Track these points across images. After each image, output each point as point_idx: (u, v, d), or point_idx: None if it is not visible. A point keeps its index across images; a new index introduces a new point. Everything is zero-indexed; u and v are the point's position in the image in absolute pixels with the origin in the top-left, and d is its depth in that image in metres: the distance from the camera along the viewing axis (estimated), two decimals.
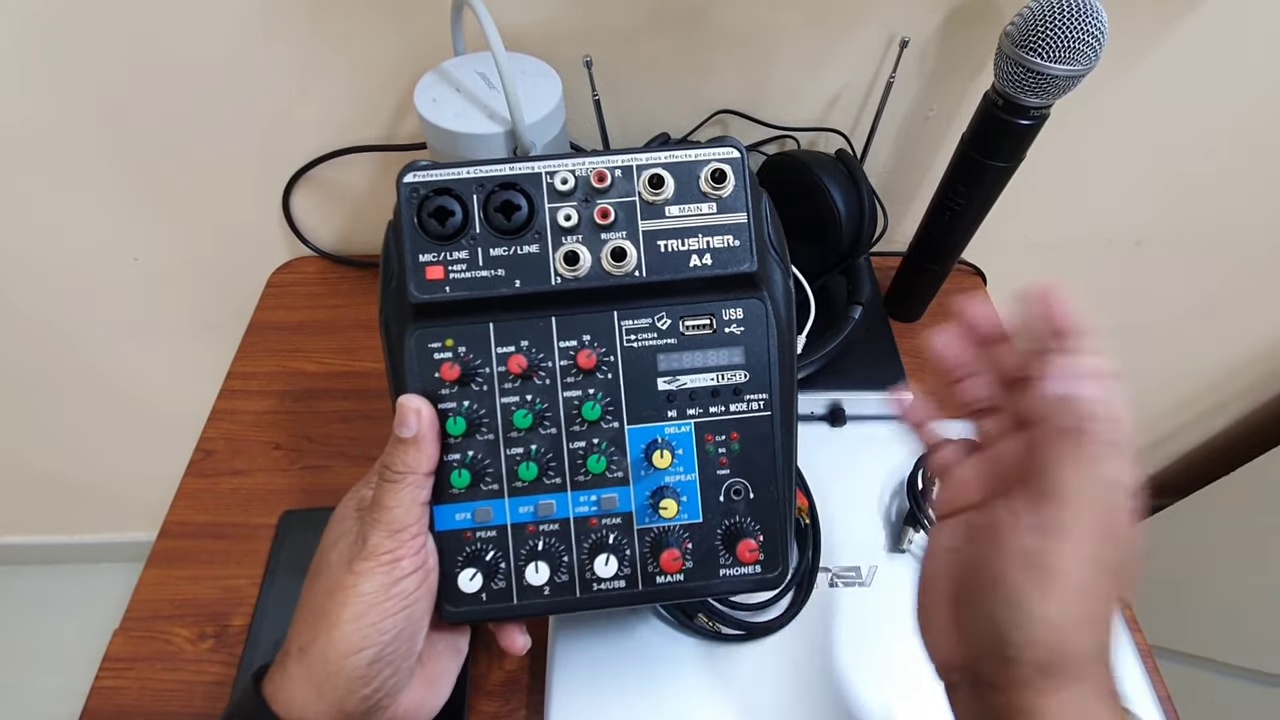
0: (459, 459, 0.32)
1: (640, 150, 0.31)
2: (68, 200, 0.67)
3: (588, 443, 0.32)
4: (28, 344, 0.82)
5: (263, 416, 0.60)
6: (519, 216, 0.30)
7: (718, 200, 0.31)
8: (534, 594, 0.32)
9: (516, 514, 0.32)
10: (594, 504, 0.32)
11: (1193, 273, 0.79)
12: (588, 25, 0.55)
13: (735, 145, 0.32)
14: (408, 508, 0.29)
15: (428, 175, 0.30)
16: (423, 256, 0.30)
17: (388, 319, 0.32)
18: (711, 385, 0.32)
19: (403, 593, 0.29)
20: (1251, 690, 0.85)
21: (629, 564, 0.33)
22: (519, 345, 0.32)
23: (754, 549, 0.32)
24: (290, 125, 0.62)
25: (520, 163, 0.31)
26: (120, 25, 0.54)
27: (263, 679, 0.30)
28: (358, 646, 0.28)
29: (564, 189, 0.31)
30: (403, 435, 0.30)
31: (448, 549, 0.32)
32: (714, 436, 0.33)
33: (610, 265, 0.31)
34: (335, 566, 0.29)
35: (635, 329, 0.32)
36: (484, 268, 0.30)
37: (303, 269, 0.71)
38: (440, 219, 0.30)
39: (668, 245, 0.31)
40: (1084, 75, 0.43)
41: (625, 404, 0.32)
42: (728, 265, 0.31)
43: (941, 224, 0.56)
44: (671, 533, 0.33)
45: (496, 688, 0.45)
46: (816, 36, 0.57)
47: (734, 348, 0.32)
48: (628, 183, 0.31)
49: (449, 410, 0.31)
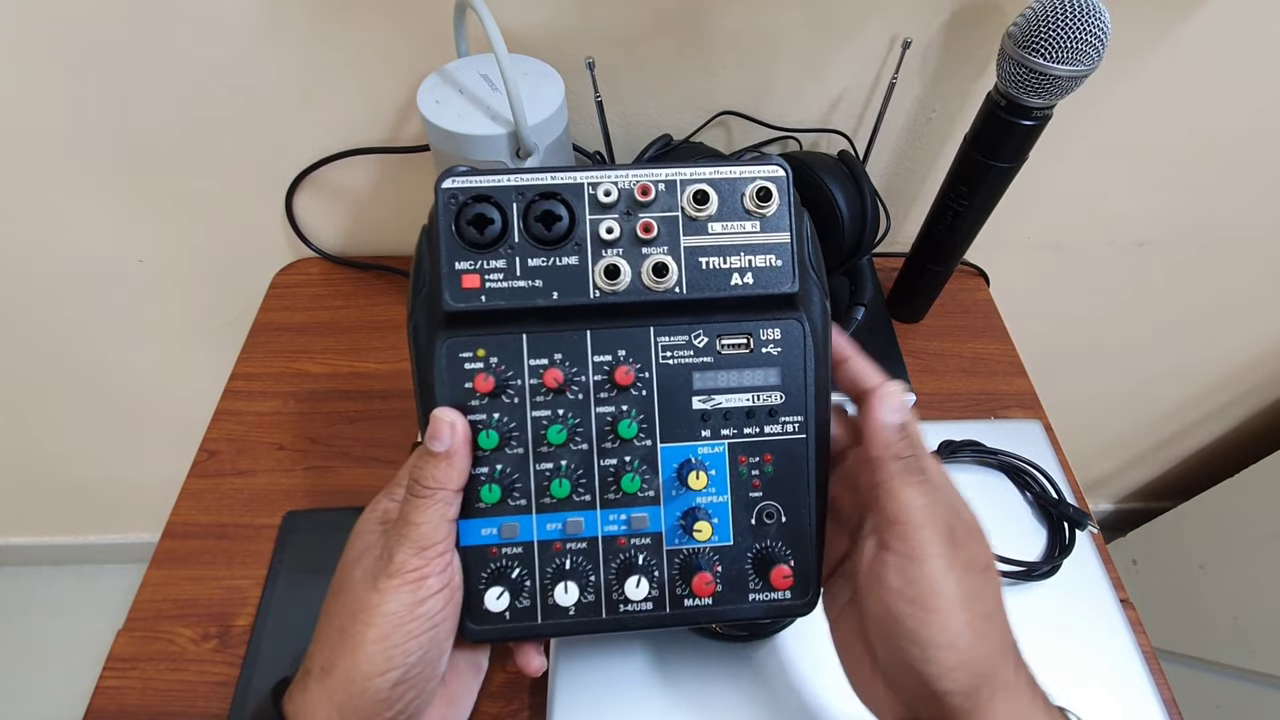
0: (488, 473, 0.31)
1: (685, 165, 0.31)
2: (71, 202, 0.67)
3: (620, 460, 0.31)
4: (32, 346, 0.83)
5: (266, 417, 0.60)
6: (559, 227, 0.30)
7: (761, 219, 0.31)
8: (560, 614, 0.31)
9: (544, 531, 0.31)
10: (624, 523, 0.32)
11: (1196, 274, 0.79)
12: (590, 26, 0.55)
13: (780, 164, 0.31)
14: (436, 524, 0.28)
15: (467, 181, 0.30)
16: (459, 264, 0.30)
17: (417, 326, 0.31)
18: (746, 406, 0.32)
19: (428, 613, 0.28)
20: (1256, 693, 0.84)
21: (658, 586, 0.32)
22: (553, 358, 0.31)
23: (787, 575, 0.31)
24: (293, 127, 0.62)
25: (562, 172, 0.30)
26: (123, 27, 0.54)
27: (282, 695, 0.29)
28: (382, 668, 0.27)
29: (606, 201, 0.30)
30: (435, 449, 0.29)
31: (472, 565, 0.31)
32: (748, 458, 0.32)
33: (651, 280, 0.30)
34: (359, 584, 0.28)
35: (671, 346, 0.31)
36: (521, 278, 0.30)
37: (306, 270, 0.71)
38: (479, 227, 0.30)
39: (709, 262, 0.30)
40: (1086, 76, 0.43)
41: (659, 422, 0.32)
42: (769, 285, 0.31)
43: (944, 225, 0.56)
44: (702, 555, 0.32)
45: (499, 688, 0.45)
46: (818, 38, 0.57)
47: (770, 368, 0.32)
48: (671, 197, 0.30)
49: (480, 423, 0.30)
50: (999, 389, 0.63)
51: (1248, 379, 0.96)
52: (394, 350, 0.64)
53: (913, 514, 0.27)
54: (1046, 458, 0.54)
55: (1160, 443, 1.10)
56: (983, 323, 0.68)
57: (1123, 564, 1.12)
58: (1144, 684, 0.44)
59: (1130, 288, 0.81)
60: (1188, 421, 1.05)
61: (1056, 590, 0.48)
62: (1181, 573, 1.01)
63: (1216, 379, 0.96)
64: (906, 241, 0.63)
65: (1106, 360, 0.92)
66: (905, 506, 0.27)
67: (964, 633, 0.26)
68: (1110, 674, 0.45)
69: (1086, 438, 1.06)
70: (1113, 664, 0.45)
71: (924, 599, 0.26)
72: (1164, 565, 1.06)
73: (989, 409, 0.61)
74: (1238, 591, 0.91)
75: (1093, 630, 0.46)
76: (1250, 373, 0.95)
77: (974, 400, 0.62)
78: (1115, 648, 0.46)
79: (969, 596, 0.27)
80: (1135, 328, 0.87)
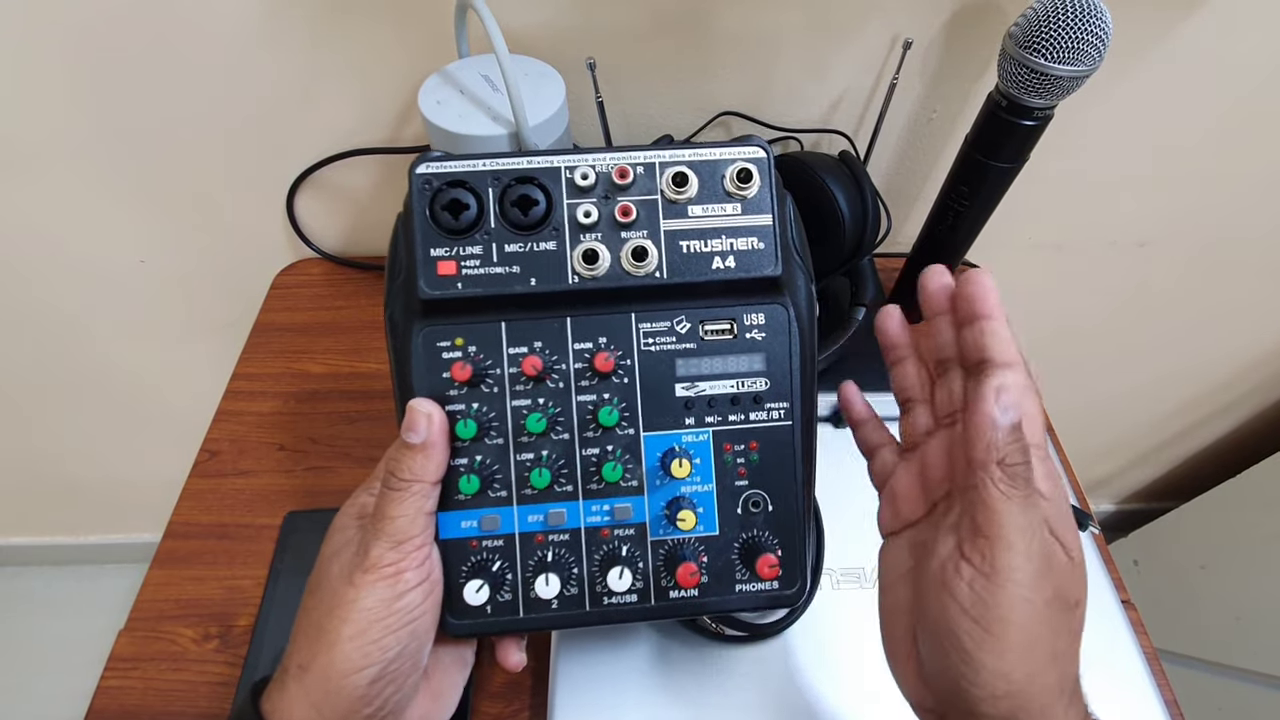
0: (467, 464, 0.30)
1: (663, 147, 0.30)
2: (72, 202, 0.67)
3: (602, 449, 0.31)
4: (33, 346, 0.83)
5: (267, 418, 0.60)
6: (536, 212, 0.29)
7: (742, 201, 0.30)
8: (542, 607, 0.31)
9: (525, 523, 0.31)
10: (607, 514, 0.31)
11: (1197, 274, 0.79)
12: (591, 27, 0.55)
13: (761, 145, 0.30)
14: (413, 518, 0.28)
15: (441, 166, 0.29)
16: (434, 250, 0.29)
17: (394, 315, 0.31)
18: (731, 392, 0.31)
19: (406, 608, 0.27)
20: (1258, 694, 0.84)
21: (642, 577, 0.31)
22: (532, 346, 0.30)
23: (774, 564, 0.31)
24: (294, 128, 0.62)
25: (538, 156, 0.29)
26: (124, 28, 0.54)
27: (261, 694, 0.29)
28: (359, 665, 0.26)
29: (584, 184, 0.29)
30: (411, 441, 0.28)
31: (452, 558, 0.30)
32: (732, 446, 0.31)
33: (630, 265, 0.29)
34: (335, 579, 0.28)
35: (653, 332, 0.31)
36: (498, 264, 0.29)
37: (307, 271, 0.71)
38: (454, 212, 0.29)
39: (690, 246, 0.30)
40: (1088, 76, 0.43)
41: (642, 410, 0.31)
42: (751, 269, 0.30)
43: (945, 225, 0.56)
44: (687, 545, 0.31)
45: (499, 689, 0.45)
46: (819, 38, 0.57)
47: (755, 354, 0.31)
48: (650, 180, 0.30)
49: (458, 413, 0.30)
50: None
51: (1249, 379, 0.96)
52: None
53: (1006, 532, 0.24)
54: None
55: (1162, 443, 1.10)
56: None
57: (1124, 564, 1.12)
58: (1145, 685, 0.44)
59: (1131, 288, 0.81)
60: (1189, 422, 1.05)
61: None
62: (1183, 573, 1.01)
63: (1218, 379, 0.96)
64: (908, 242, 0.63)
65: (1107, 360, 0.92)
66: (999, 523, 0.24)
67: (1021, 666, 0.24)
68: (1111, 675, 0.45)
69: (1088, 438, 1.06)
70: (1114, 665, 0.45)
71: (991, 625, 0.24)
72: (1165, 566, 1.06)
73: None
74: (1239, 592, 0.91)
75: (1094, 631, 0.45)
76: (1252, 373, 0.95)
77: None
78: (1116, 648, 0.46)
79: (1041, 632, 0.24)
80: (1136, 328, 0.86)
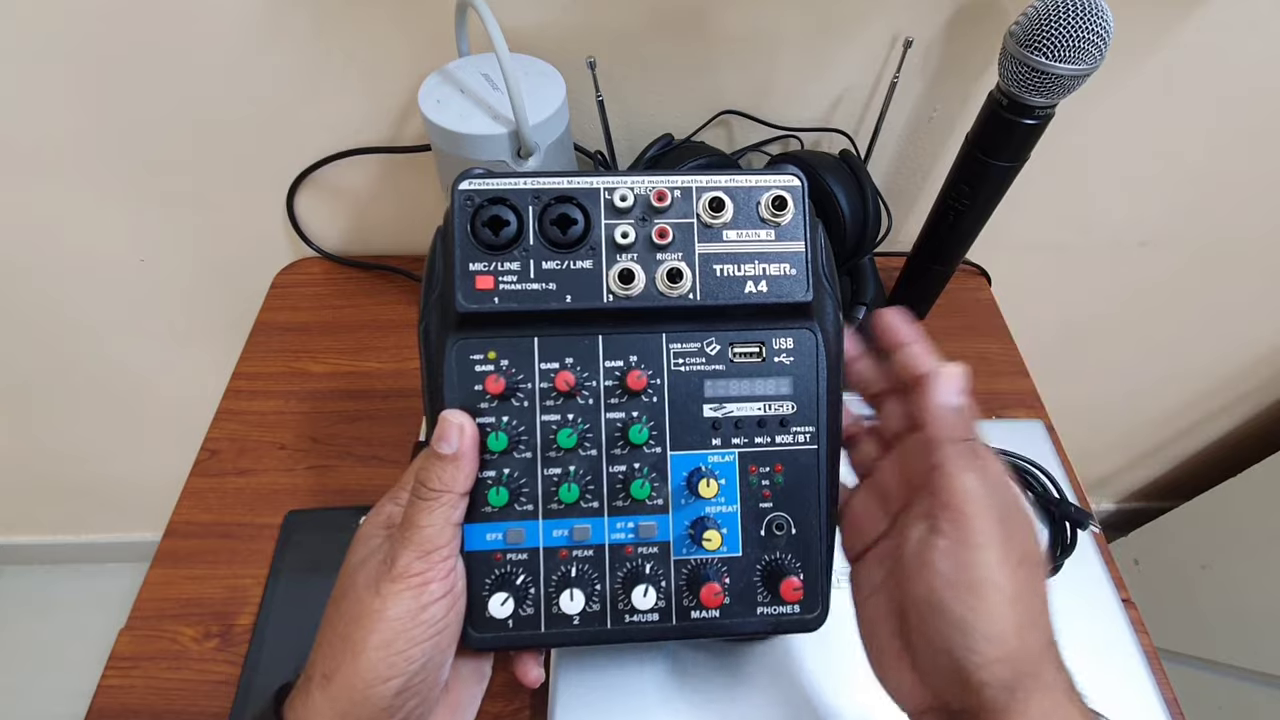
0: (495, 476, 0.30)
1: (701, 172, 0.31)
2: (73, 202, 0.67)
3: (629, 467, 0.31)
4: (33, 345, 0.83)
5: (268, 417, 0.60)
6: (574, 231, 0.30)
7: (776, 227, 0.31)
8: (564, 623, 0.31)
9: (550, 537, 0.31)
10: (631, 531, 0.31)
11: (1198, 274, 0.79)
12: (591, 26, 0.55)
13: (796, 174, 0.31)
14: (441, 527, 0.28)
15: (484, 184, 0.30)
16: (473, 265, 0.30)
17: (429, 327, 0.31)
18: (758, 415, 0.32)
19: (431, 619, 0.27)
20: (1258, 693, 0.84)
21: (665, 596, 0.31)
22: (564, 362, 0.31)
23: (798, 587, 0.31)
24: (294, 127, 0.62)
25: (579, 176, 0.30)
26: (125, 28, 0.54)
27: (283, 702, 0.29)
28: (385, 676, 0.26)
29: (622, 206, 0.30)
30: (443, 451, 0.28)
31: (476, 571, 0.30)
32: (758, 468, 0.32)
33: (665, 286, 0.30)
34: (361, 589, 0.28)
35: (684, 353, 0.31)
36: (535, 280, 0.30)
37: (308, 270, 0.71)
38: (494, 228, 0.30)
39: (724, 270, 0.30)
40: (1089, 74, 0.43)
41: (669, 429, 0.31)
42: (783, 294, 0.31)
43: (946, 224, 0.56)
44: (710, 565, 0.31)
45: (500, 689, 0.45)
46: (820, 37, 0.57)
47: (783, 378, 0.32)
48: (687, 203, 0.30)
49: (489, 425, 0.30)
50: (1001, 388, 0.63)
51: (1250, 378, 0.96)
52: (395, 350, 0.64)
53: (970, 500, 0.27)
54: (1048, 457, 0.54)
55: (1162, 442, 1.10)
56: (984, 322, 0.68)
57: (1124, 563, 1.12)
58: (1146, 684, 0.44)
59: (1132, 287, 0.81)
60: (1190, 421, 1.05)
61: (1058, 590, 0.46)
62: (1184, 572, 1.01)
63: (1219, 378, 0.96)
64: (908, 241, 0.62)
65: (1108, 359, 0.92)
66: (963, 492, 0.27)
67: (1012, 627, 0.26)
68: (1112, 674, 0.45)
69: (1088, 437, 1.06)
70: (1115, 664, 0.45)
71: (976, 587, 0.26)
72: (1166, 565, 1.06)
73: (991, 408, 0.61)
74: (1240, 591, 0.91)
75: (1094, 630, 0.46)
76: (1253, 372, 0.95)
77: (976, 399, 0.62)
78: (1117, 648, 0.46)
79: (1020, 591, 0.26)
80: (1137, 327, 0.86)
